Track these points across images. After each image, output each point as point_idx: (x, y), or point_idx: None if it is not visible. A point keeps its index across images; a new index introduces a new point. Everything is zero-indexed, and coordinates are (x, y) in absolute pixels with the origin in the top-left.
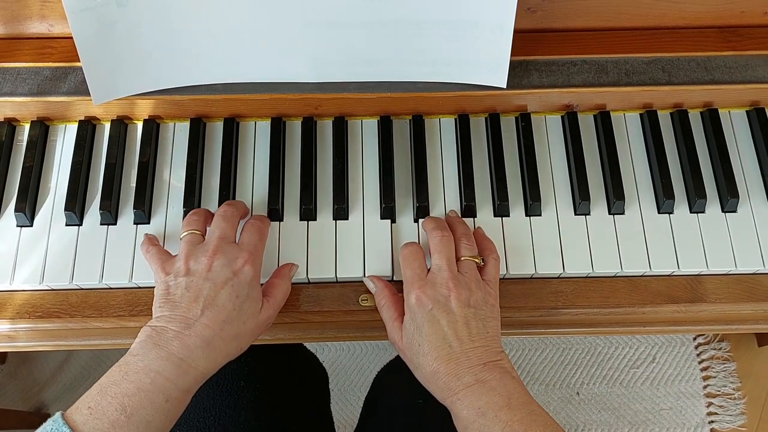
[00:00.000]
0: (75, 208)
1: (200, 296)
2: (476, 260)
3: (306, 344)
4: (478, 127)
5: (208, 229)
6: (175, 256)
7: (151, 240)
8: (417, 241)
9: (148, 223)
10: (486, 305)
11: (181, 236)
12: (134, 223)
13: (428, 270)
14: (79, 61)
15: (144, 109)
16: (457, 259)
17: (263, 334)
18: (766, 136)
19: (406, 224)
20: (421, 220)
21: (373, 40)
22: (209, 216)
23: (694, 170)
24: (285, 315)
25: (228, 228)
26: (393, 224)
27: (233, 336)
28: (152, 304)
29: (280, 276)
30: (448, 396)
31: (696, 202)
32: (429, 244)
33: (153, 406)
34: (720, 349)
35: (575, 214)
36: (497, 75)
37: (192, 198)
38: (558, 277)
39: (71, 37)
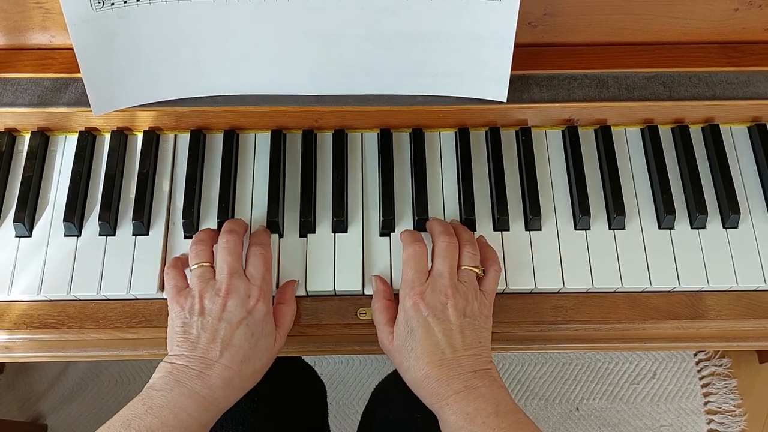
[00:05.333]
0: (74, 218)
1: (217, 337)
2: (477, 270)
3: (304, 357)
4: (479, 141)
5: (214, 248)
6: (187, 288)
7: (174, 261)
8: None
9: (147, 234)
10: (481, 316)
11: (191, 268)
12: (133, 235)
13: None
14: (79, 72)
15: (144, 121)
16: (458, 267)
17: None
18: (767, 152)
19: None
20: (427, 224)
21: (373, 53)
22: (213, 236)
23: (695, 186)
24: None
25: (234, 261)
26: (392, 237)
27: (251, 373)
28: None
29: (285, 300)
30: (437, 401)
31: (697, 217)
32: (434, 247)
33: None
34: (721, 365)
35: (575, 229)
36: (498, 89)
37: (191, 210)
38: (558, 292)
39: (72, 49)
